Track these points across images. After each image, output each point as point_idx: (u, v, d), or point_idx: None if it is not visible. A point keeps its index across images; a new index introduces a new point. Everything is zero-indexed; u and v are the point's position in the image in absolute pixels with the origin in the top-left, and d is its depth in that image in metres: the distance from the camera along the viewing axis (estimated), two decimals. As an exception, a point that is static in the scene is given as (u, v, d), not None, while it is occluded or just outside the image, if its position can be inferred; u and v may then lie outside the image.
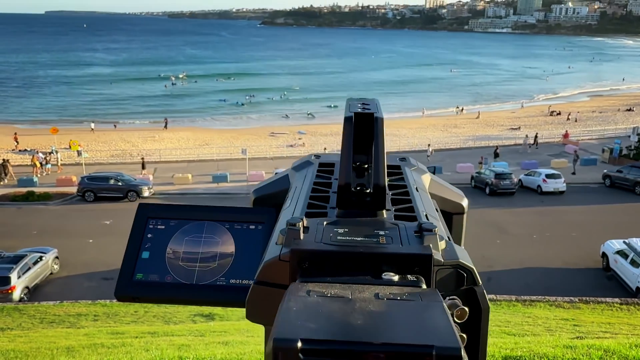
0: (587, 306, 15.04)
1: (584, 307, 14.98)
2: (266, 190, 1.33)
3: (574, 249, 21.72)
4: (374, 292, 0.72)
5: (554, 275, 19.48)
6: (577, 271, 19.93)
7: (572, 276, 19.46)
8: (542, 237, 23.26)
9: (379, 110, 1.03)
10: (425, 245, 0.83)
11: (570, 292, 16.74)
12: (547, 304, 15.19)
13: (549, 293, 16.33)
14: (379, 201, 0.99)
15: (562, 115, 56.95)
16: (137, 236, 1.13)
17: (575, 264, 20.43)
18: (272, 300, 0.79)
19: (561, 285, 18.20)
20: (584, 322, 13.22)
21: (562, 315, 14.01)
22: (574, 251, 21.45)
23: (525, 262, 20.42)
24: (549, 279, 19.07)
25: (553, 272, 19.76)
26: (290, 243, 0.83)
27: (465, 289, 0.83)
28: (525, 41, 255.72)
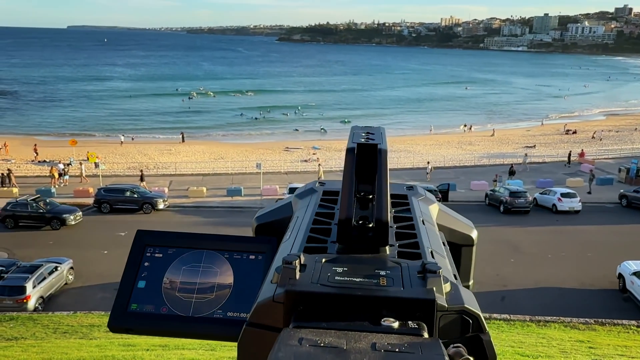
0: (603, 328, 14.80)
1: (600, 329, 14.74)
2: (269, 217, 1.29)
3: (590, 269, 21.40)
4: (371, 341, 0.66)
5: (569, 295, 19.19)
6: (593, 292, 19.63)
7: (588, 297, 19.17)
8: (557, 257, 22.96)
9: (384, 140, 0.98)
10: (428, 289, 0.78)
11: (585, 313, 16.48)
12: (562, 324, 14.97)
13: (564, 314, 16.10)
14: (381, 237, 0.94)
15: (577, 134, 56.51)
16: (134, 264, 1.10)
17: (591, 284, 20.12)
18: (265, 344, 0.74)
19: (576, 306, 17.92)
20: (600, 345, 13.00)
21: (577, 336, 13.80)
22: (590, 271, 21.13)
23: (540, 281, 20.17)
24: (564, 299, 18.79)
25: (568, 292, 19.47)
26: (286, 283, 0.79)
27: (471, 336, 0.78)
28: (541, 60, 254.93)
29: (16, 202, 26.98)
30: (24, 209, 26.44)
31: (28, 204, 26.61)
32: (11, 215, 26.32)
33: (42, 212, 26.45)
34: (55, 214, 26.43)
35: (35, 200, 26.97)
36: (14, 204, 26.81)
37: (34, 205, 26.58)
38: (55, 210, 26.88)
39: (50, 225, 26.20)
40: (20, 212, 26.34)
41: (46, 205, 26.88)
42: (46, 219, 26.30)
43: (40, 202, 26.97)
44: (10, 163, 39.85)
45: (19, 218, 26.31)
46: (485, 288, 18.71)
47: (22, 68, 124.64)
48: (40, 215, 26.37)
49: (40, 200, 27.25)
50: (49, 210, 26.61)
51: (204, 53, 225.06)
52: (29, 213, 26.34)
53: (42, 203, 26.92)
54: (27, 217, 26.32)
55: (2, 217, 26.36)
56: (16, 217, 26.32)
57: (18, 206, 26.57)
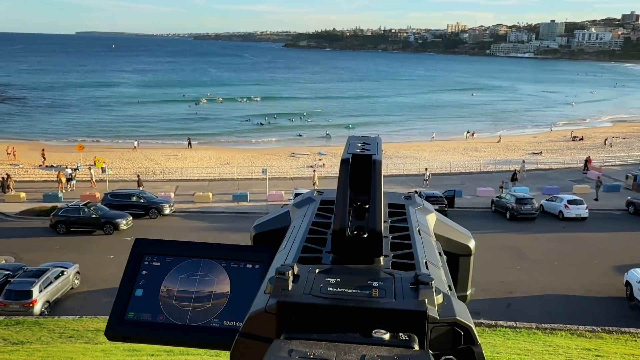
0: (610, 336, 14.68)
1: (607, 337, 14.63)
2: (267, 226, 1.30)
3: (597, 276, 21.27)
4: (361, 353, 0.66)
5: (575, 303, 19.07)
6: (600, 299, 19.50)
7: (595, 304, 19.04)
8: (564, 264, 22.83)
9: (379, 151, 0.98)
10: (419, 301, 0.78)
11: (592, 321, 16.36)
12: (569, 332, 14.87)
13: (571, 321, 16.00)
14: (375, 248, 0.94)
15: (584, 141, 56.31)
16: (132, 273, 1.10)
17: (597, 292, 19.99)
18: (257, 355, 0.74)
19: (583, 314, 17.81)
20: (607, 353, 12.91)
21: (584, 344, 13.70)
22: (597, 279, 21.01)
23: (546, 288, 20.06)
24: (571, 306, 18.67)
25: (575, 299, 19.35)
26: (278, 294, 0.79)
27: (462, 348, 0.77)
28: (547, 66, 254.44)
29: (67, 207, 27.00)
30: (76, 214, 26.47)
31: (80, 209, 26.68)
32: (63, 220, 26.32)
33: (95, 217, 26.51)
34: (109, 219, 26.53)
35: (87, 206, 27.05)
36: (65, 209, 26.84)
37: (86, 211, 26.64)
38: (108, 215, 26.94)
39: (103, 230, 26.21)
40: (72, 218, 26.36)
41: (97, 211, 26.92)
42: (99, 224, 26.35)
43: (91, 207, 27.03)
44: (18, 168, 40.16)
45: (72, 224, 26.28)
46: (491, 295, 18.64)
47: (30, 73, 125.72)
48: (93, 221, 26.42)
49: (92, 205, 27.30)
50: (101, 216, 26.66)
51: (211, 59, 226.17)
52: (81, 218, 26.40)
53: (93, 208, 26.97)
54: (79, 223, 26.31)
55: (53, 223, 26.40)
56: (68, 222, 26.32)
57: (70, 211, 26.58)
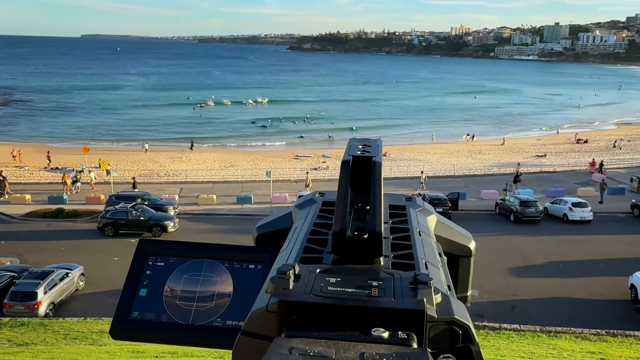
0: (615, 339, 14.63)
1: (612, 340, 14.58)
2: (269, 227, 1.33)
3: (601, 279, 21.20)
4: (360, 351, 0.68)
5: (580, 306, 19.01)
6: (605, 302, 19.42)
7: (599, 307, 18.97)
8: (568, 267, 22.76)
9: (379, 153, 1.00)
10: (418, 300, 0.79)
11: (597, 324, 16.31)
12: (573, 335, 14.82)
13: (575, 324, 15.94)
14: (375, 248, 0.96)
15: (589, 144, 56.17)
16: (136, 272, 1.12)
17: (602, 294, 19.92)
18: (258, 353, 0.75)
19: (588, 317, 17.75)
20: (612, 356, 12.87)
21: (588, 348, 13.66)
22: (601, 282, 20.94)
23: (550, 291, 20.01)
24: (575, 309, 18.62)
25: (579, 302, 19.30)
26: (279, 293, 0.81)
27: (460, 347, 0.79)
28: (551, 69, 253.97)
29: (115, 209, 27.01)
30: (124, 216, 26.50)
31: (128, 211, 26.71)
32: (111, 223, 26.34)
33: (144, 219, 26.56)
34: (157, 221, 26.62)
35: (135, 208, 27.07)
36: (113, 212, 26.84)
37: (133, 213, 26.67)
38: (156, 217, 27.01)
39: (151, 232, 26.18)
40: (120, 220, 26.39)
41: (144, 213, 26.93)
42: (148, 226, 26.34)
43: (138, 209, 27.06)
44: (23, 170, 40.36)
45: (120, 226, 26.25)
46: (495, 297, 18.61)
47: (37, 76, 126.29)
48: (141, 223, 26.41)
49: (139, 207, 27.31)
50: (149, 218, 26.72)
51: (216, 61, 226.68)
52: (130, 221, 26.41)
53: (140, 210, 26.99)
54: (128, 225, 26.25)
55: (101, 226, 26.41)
56: (116, 225, 26.29)
57: (118, 214, 26.61)
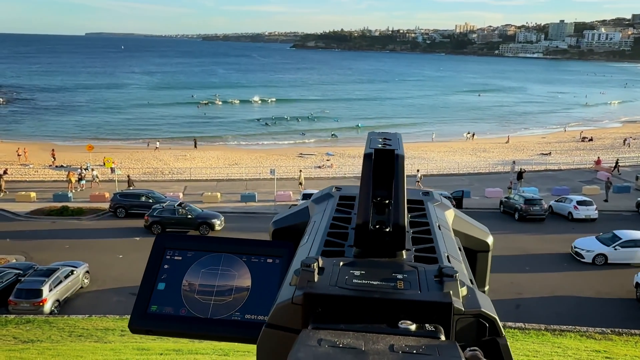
0: (620, 338, 14.59)
1: (617, 338, 14.54)
2: (286, 222, 1.32)
3: (606, 278, 21.14)
4: (389, 343, 0.67)
5: (585, 304, 18.96)
6: (610, 301, 19.36)
7: (604, 306, 18.91)
8: (573, 265, 22.71)
9: (400, 146, 0.99)
10: (445, 292, 0.79)
11: (602, 322, 16.28)
12: (578, 334, 14.79)
13: (580, 323, 15.91)
14: (398, 241, 0.95)
15: (594, 142, 55.96)
16: (154, 266, 1.12)
17: (607, 293, 19.86)
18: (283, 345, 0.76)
19: (593, 316, 17.69)
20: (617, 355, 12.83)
21: (593, 346, 13.63)
22: (606, 280, 20.88)
23: (555, 290, 19.96)
24: (580, 308, 18.57)
25: (584, 301, 19.24)
26: (304, 285, 0.81)
27: (487, 339, 0.78)
28: (556, 66, 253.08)
29: (163, 208, 27.17)
30: (171, 214, 26.67)
31: (175, 209, 26.86)
32: (159, 221, 26.45)
33: (191, 217, 26.67)
34: (204, 219, 26.70)
35: (181, 206, 27.17)
36: (160, 210, 26.98)
37: (180, 211, 26.79)
38: (203, 215, 27.13)
39: (198, 230, 26.27)
40: (168, 218, 26.53)
41: (191, 211, 27.03)
42: (196, 224, 26.46)
43: (185, 207, 27.15)
44: (28, 168, 40.50)
45: (168, 224, 26.30)
46: (500, 296, 18.55)
47: (41, 75, 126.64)
48: (189, 221, 26.52)
49: (185, 206, 27.43)
50: (197, 216, 26.87)
51: (219, 59, 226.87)
52: (177, 219, 26.54)
53: (187, 209, 27.09)
54: (175, 223, 26.31)
55: (148, 224, 26.48)
56: (164, 223, 26.37)
57: (165, 212, 26.80)
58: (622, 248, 22.72)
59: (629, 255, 22.61)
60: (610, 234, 23.75)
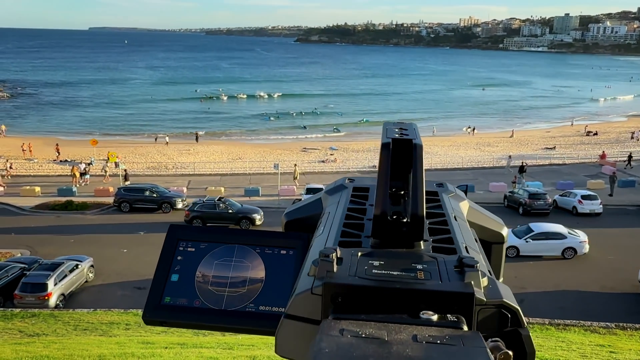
0: (624, 332, 14.57)
1: (621, 333, 14.52)
2: (298, 213, 1.31)
3: (611, 272, 21.08)
4: (412, 333, 0.67)
5: (589, 299, 18.93)
6: (614, 295, 19.32)
7: (609, 301, 18.87)
8: (578, 260, 22.67)
9: (418, 136, 0.98)
10: (466, 283, 0.78)
11: (606, 317, 16.25)
12: (582, 328, 14.78)
13: (584, 317, 15.90)
14: (416, 232, 0.94)
15: (598, 136, 55.70)
16: (167, 258, 1.11)
17: (612, 288, 19.81)
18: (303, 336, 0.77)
19: (597, 310, 17.67)
20: (621, 350, 12.81)
21: (597, 341, 13.61)
22: (611, 275, 20.82)
23: (559, 284, 19.93)
24: (584, 302, 18.54)
25: (588, 295, 19.21)
26: (324, 276, 0.80)
27: (509, 330, 0.78)
28: (561, 60, 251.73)
29: (203, 203, 27.31)
30: (212, 209, 26.78)
31: (216, 204, 26.97)
32: (200, 216, 26.59)
33: (232, 212, 26.83)
34: (245, 214, 26.97)
35: (221, 201, 27.31)
36: (201, 204, 27.13)
37: (221, 206, 26.91)
38: (244, 210, 27.39)
39: (239, 224, 26.47)
40: (209, 214, 26.63)
41: (231, 206, 27.19)
42: (236, 219, 26.62)
43: (225, 202, 27.30)
44: (32, 162, 40.62)
45: (209, 219, 26.36)
46: (504, 290, 18.52)
47: (45, 69, 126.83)
48: (230, 216, 26.65)
49: (225, 201, 27.58)
50: (237, 211, 27.05)
51: (223, 54, 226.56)
52: (218, 214, 26.63)
53: (227, 204, 27.24)
54: (217, 218, 26.34)
55: (189, 218, 26.58)
56: (205, 218, 26.48)
57: (206, 207, 26.90)
58: (533, 240, 22.86)
59: (540, 247, 22.74)
60: (525, 227, 23.84)
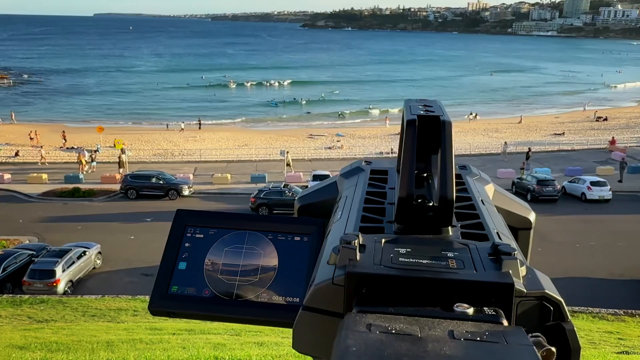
0: (633, 319, 14.50)
1: (630, 320, 14.45)
2: (312, 198, 1.24)
3: (620, 259, 20.95)
4: (448, 328, 0.61)
5: (598, 286, 18.84)
6: (623, 282, 19.23)
7: (617, 287, 18.79)
8: (586, 246, 22.53)
9: (444, 112, 0.92)
10: (504, 272, 0.72)
11: (615, 304, 16.17)
12: (590, 315, 14.73)
13: (593, 304, 15.83)
14: (445, 216, 0.86)
15: (608, 121, 55.12)
16: (174, 245, 1.05)
17: (620, 274, 19.70)
18: (323, 330, 0.71)
19: (605, 297, 17.59)
20: (630, 336, 12.75)
21: (605, 327, 13.56)
22: (620, 262, 20.69)
23: (567, 271, 19.81)
24: (593, 289, 18.45)
25: (597, 282, 19.12)
26: (346, 264, 0.73)
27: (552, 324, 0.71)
28: (571, 45, 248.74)
29: (269, 190, 27.82)
30: (279, 196, 27.19)
31: (282, 191, 27.50)
32: (266, 203, 27.00)
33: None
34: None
35: (287, 188, 27.79)
36: (267, 191, 27.66)
37: (287, 193, 27.25)
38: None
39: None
40: (275, 200, 26.98)
41: (295, 193, 27.20)
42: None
43: (291, 189, 27.72)
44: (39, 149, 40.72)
45: (274, 206, 26.68)
46: (511, 277, 18.45)
47: (51, 56, 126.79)
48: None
49: (291, 188, 27.98)
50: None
51: (229, 40, 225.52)
52: (284, 200, 26.78)
53: (293, 191, 27.48)
54: (283, 205, 26.50)
55: (255, 206, 27.09)
56: (271, 205, 26.83)
57: (272, 194, 27.42)
58: None
59: None
60: None
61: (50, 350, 9.64)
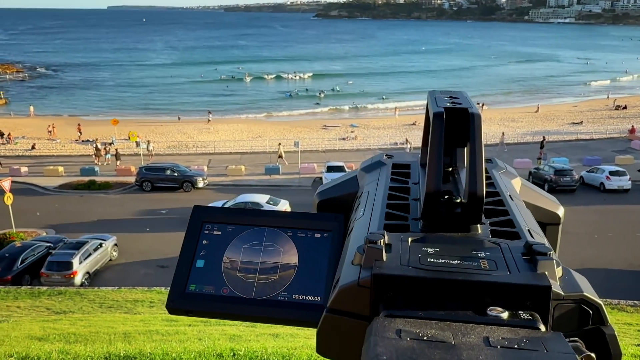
0: (653, 311, 14.24)
1: (650, 312, 14.19)
2: (332, 193, 1.19)
3: (639, 250, 20.60)
4: (482, 335, 0.57)
5: (616, 277, 18.56)
6: (643, 274, 18.91)
7: (637, 279, 18.51)
8: (605, 237, 22.19)
9: (472, 104, 0.86)
10: (539, 274, 0.68)
11: (634, 295, 15.91)
12: (609, 307, 14.49)
13: (611, 296, 15.58)
14: (474, 214, 0.81)
15: (628, 110, 54.11)
16: (192, 242, 1.02)
17: (639, 265, 19.40)
18: (348, 333, 0.69)
19: (624, 288, 17.30)
20: (650, 329, 12.51)
21: (625, 319, 13.34)
22: (639, 252, 20.35)
23: (585, 262, 19.52)
24: (612, 281, 18.16)
25: (616, 273, 18.83)
26: (372, 265, 0.70)
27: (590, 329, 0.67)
28: (589, 32, 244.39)
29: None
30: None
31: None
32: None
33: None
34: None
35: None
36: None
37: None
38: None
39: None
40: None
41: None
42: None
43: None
44: (55, 142, 41.15)
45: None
46: (528, 269, 18.25)
47: (65, 50, 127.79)
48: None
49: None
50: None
51: (242, 31, 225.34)
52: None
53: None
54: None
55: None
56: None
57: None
58: None
59: None
60: None
61: (69, 341, 9.71)
